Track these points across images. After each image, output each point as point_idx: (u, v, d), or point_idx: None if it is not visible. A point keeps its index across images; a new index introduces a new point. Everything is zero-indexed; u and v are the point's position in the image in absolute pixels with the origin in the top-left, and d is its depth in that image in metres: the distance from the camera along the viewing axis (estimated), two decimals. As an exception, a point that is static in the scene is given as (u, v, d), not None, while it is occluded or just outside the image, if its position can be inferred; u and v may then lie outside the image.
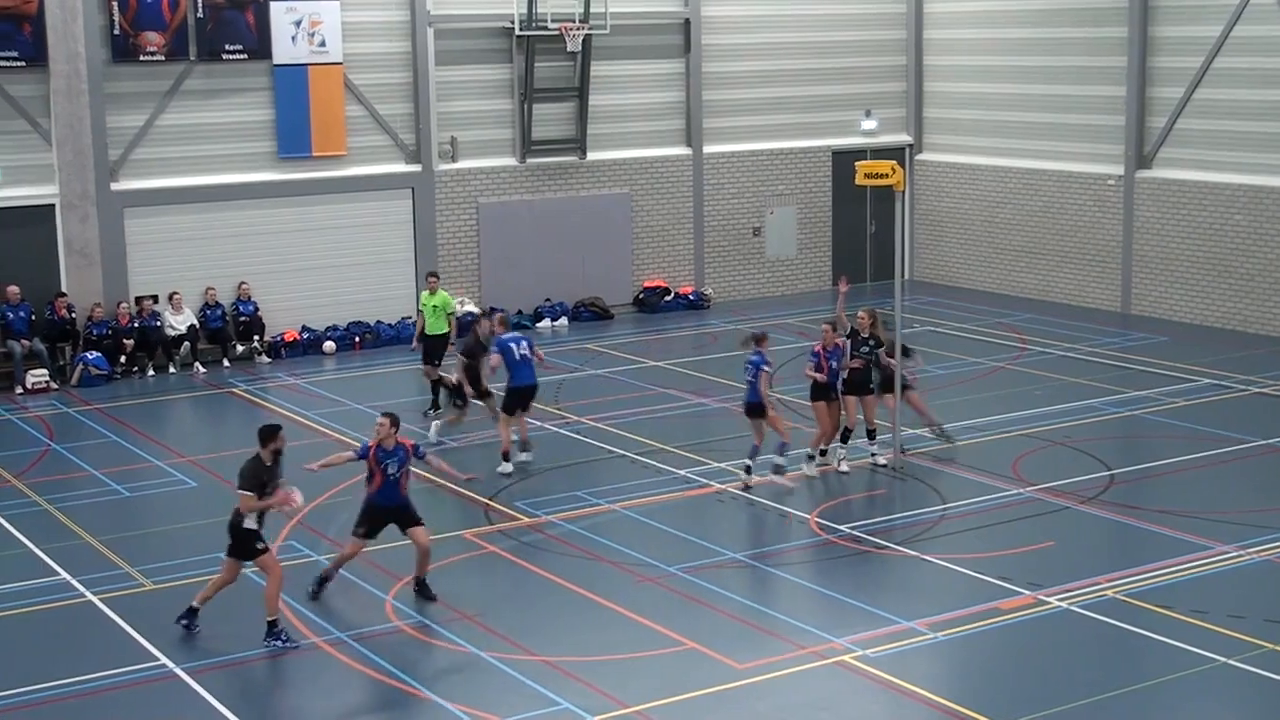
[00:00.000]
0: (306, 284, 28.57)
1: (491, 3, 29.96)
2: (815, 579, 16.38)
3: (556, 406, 23.79)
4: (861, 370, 19.81)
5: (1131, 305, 30.45)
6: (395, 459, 15.56)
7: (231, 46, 27.73)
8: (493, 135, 30.39)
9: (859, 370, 19.80)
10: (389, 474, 15.54)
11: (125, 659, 14.41)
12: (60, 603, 15.96)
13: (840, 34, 33.68)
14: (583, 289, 31.18)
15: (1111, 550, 17.20)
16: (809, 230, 33.89)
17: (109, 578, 16.60)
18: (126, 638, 14.93)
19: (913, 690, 13.50)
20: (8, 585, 16.44)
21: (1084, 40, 31.10)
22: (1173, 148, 29.76)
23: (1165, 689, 13.55)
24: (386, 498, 15.64)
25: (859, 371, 19.81)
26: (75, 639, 15.06)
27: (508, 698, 13.46)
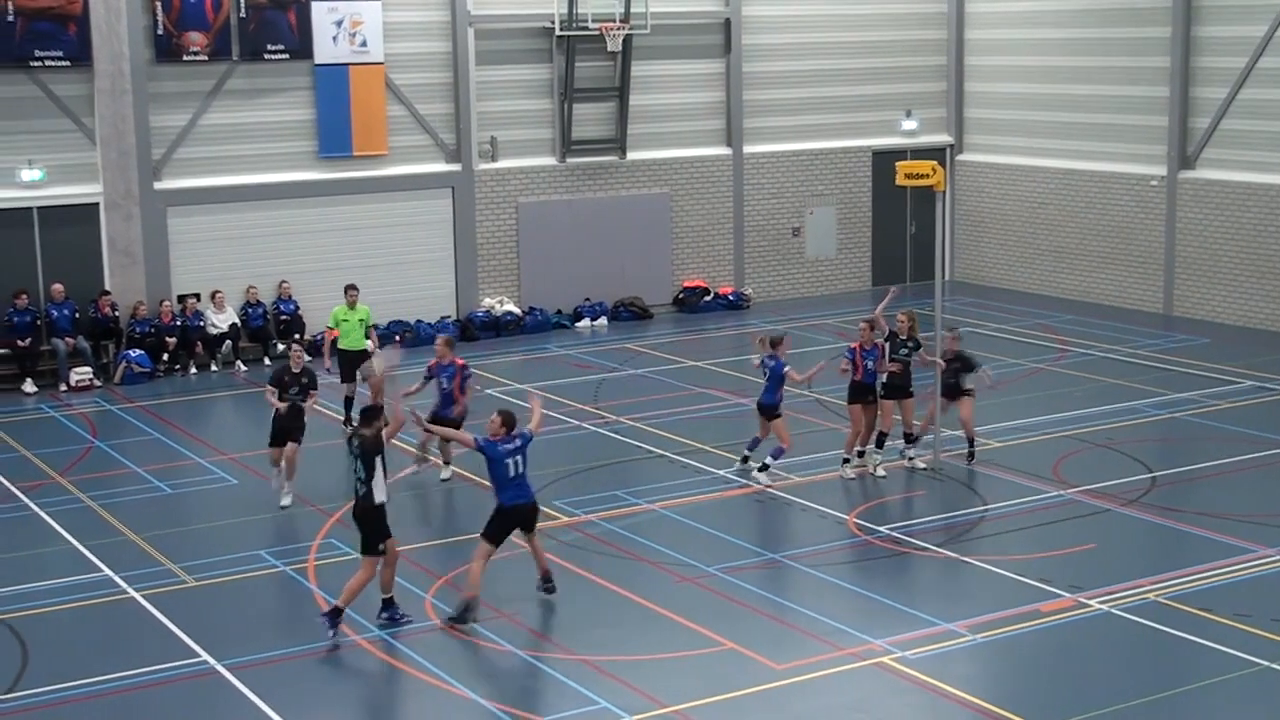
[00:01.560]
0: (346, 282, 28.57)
1: (532, 3, 30.01)
2: (854, 580, 16.35)
3: (595, 406, 23.81)
4: (900, 374, 19.74)
5: (1174, 307, 30.27)
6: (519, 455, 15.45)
7: (273, 46, 27.87)
8: (532, 135, 30.45)
9: (897, 374, 19.73)
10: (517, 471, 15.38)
11: (167, 655, 14.50)
12: (103, 599, 16.08)
13: (881, 34, 33.60)
14: (622, 289, 31.20)
15: (1153, 553, 17.11)
16: (849, 230, 33.82)
17: (151, 574, 16.70)
18: (169, 634, 15.02)
19: (951, 692, 13.46)
20: (52, 581, 16.57)
21: (1126, 40, 30.94)
22: (1216, 148, 29.58)
23: (1207, 693, 13.47)
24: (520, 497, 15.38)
25: (897, 375, 19.74)
26: (118, 635, 15.17)
27: (546, 696, 13.49)
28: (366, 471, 14.85)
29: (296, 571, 16.75)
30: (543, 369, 26.75)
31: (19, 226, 26.36)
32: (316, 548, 17.50)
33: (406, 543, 17.55)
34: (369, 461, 14.85)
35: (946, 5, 34.18)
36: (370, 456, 14.85)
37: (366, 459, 14.85)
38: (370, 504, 14.87)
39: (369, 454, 14.86)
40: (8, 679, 14.02)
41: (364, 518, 14.93)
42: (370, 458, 14.86)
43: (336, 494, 19.41)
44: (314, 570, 16.79)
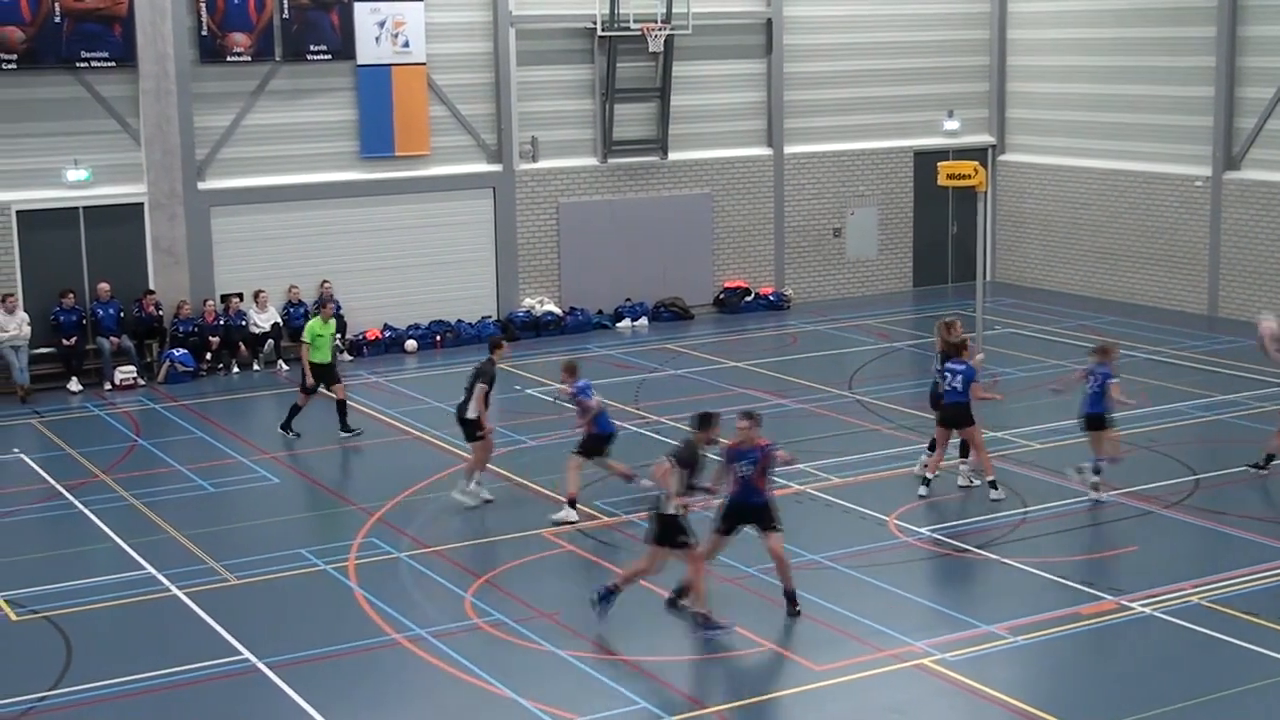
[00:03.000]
0: (388, 283, 28.78)
1: (573, 3, 30.04)
2: (894, 581, 16.29)
3: (636, 406, 23.82)
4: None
5: (1218, 308, 30.07)
6: (747, 460, 15.05)
7: (316, 47, 27.99)
8: (574, 135, 30.49)
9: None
10: (740, 475, 15.08)
11: (209, 653, 14.59)
12: (146, 597, 16.18)
13: (923, 34, 33.50)
14: (663, 289, 31.20)
15: (1196, 555, 17.00)
16: (890, 231, 33.73)
17: (194, 572, 16.80)
18: (211, 632, 15.11)
19: (992, 694, 13.41)
20: (95, 579, 16.69)
21: (1170, 40, 30.75)
22: (1262, 148, 29.36)
23: (1251, 697, 13.38)
24: (743, 497, 15.18)
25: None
26: (160, 633, 15.27)
27: (585, 696, 13.50)
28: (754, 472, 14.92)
29: (337, 570, 16.82)
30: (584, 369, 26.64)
31: (65, 226, 26.56)
32: (357, 547, 17.57)
33: (448, 541, 17.66)
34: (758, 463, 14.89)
35: (989, 5, 34.05)
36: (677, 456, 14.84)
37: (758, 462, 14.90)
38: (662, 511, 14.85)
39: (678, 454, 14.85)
40: (52, 676, 14.13)
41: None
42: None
43: (377, 493, 19.50)
44: (354, 569, 16.85)
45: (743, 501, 15.07)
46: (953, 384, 18.83)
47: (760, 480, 15.01)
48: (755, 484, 15.00)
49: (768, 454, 14.99)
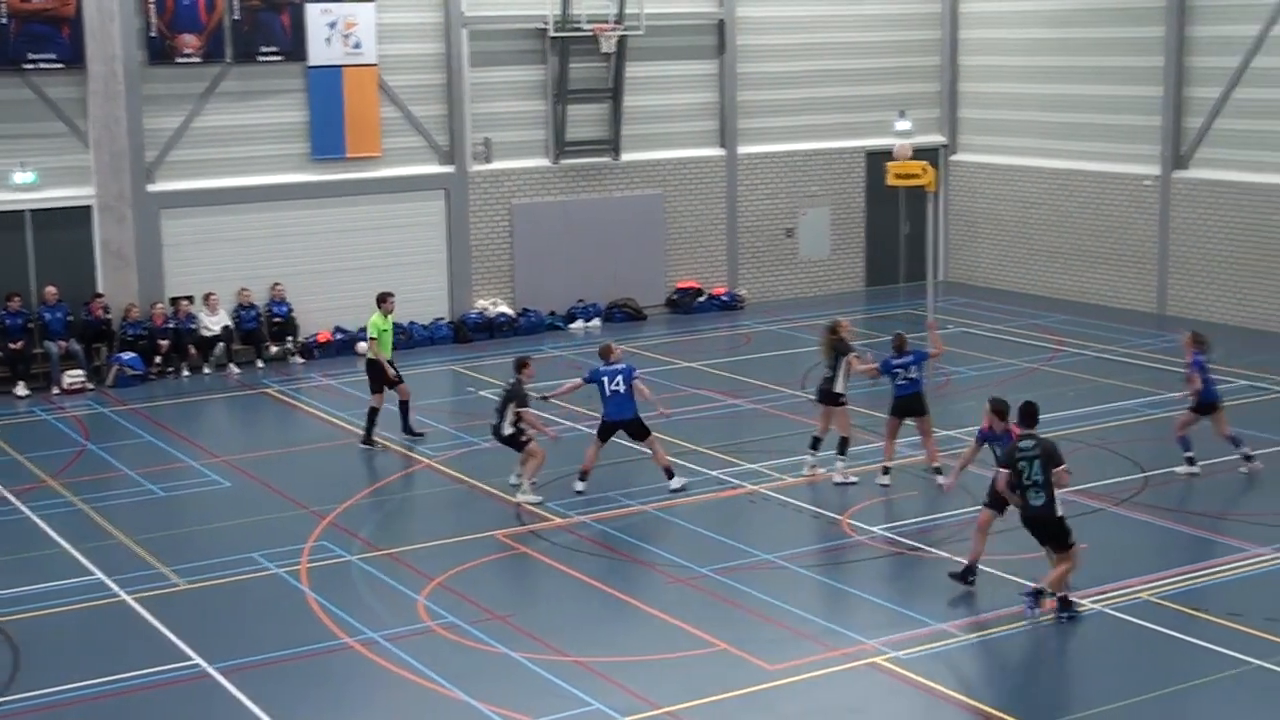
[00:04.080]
0: (340, 285, 28.64)
1: (526, 4, 29.99)
2: (847, 580, 16.34)
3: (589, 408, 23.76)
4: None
5: (1167, 306, 30.28)
6: (1001, 444, 15.81)
7: (267, 48, 27.85)
8: (526, 136, 30.43)
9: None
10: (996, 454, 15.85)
11: (159, 659, 14.47)
12: (95, 602, 16.05)
13: (874, 34, 33.61)
14: (616, 290, 31.19)
15: (1145, 552, 17.10)
16: (842, 231, 33.82)
17: (144, 577, 16.68)
18: (161, 637, 14.99)
19: (944, 692, 13.46)
20: (44, 585, 16.53)
21: (1119, 40, 30.95)
22: (1210, 148, 29.60)
23: (1199, 692, 13.48)
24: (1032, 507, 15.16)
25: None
26: (110, 639, 15.14)
27: (539, 698, 13.47)
28: (1044, 475, 14.76)
29: (289, 574, 16.73)
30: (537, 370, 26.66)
31: (11, 229, 26.32)
32: (309, 550, 17.48)
33: (400, 544, 17.60)
34: (1046, 466, 14.76)
35: (940, 5, 34.19)
36: (1047, 460, 14.76)
37: (1044, 464, 14.76)
38: (1051, 514, 14.78)
39: (1046, 459, 14.77)
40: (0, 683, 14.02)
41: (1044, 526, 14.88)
42: (1047, 462, 14.76)
43: (329, 496, 19.42)
44: (306, 573, 16.76)
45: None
46: (906, 376, 19.28)
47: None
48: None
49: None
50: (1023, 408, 15.22)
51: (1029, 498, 14.83)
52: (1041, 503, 14.77)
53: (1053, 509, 14.76)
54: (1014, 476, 14.85)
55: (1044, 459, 14.73)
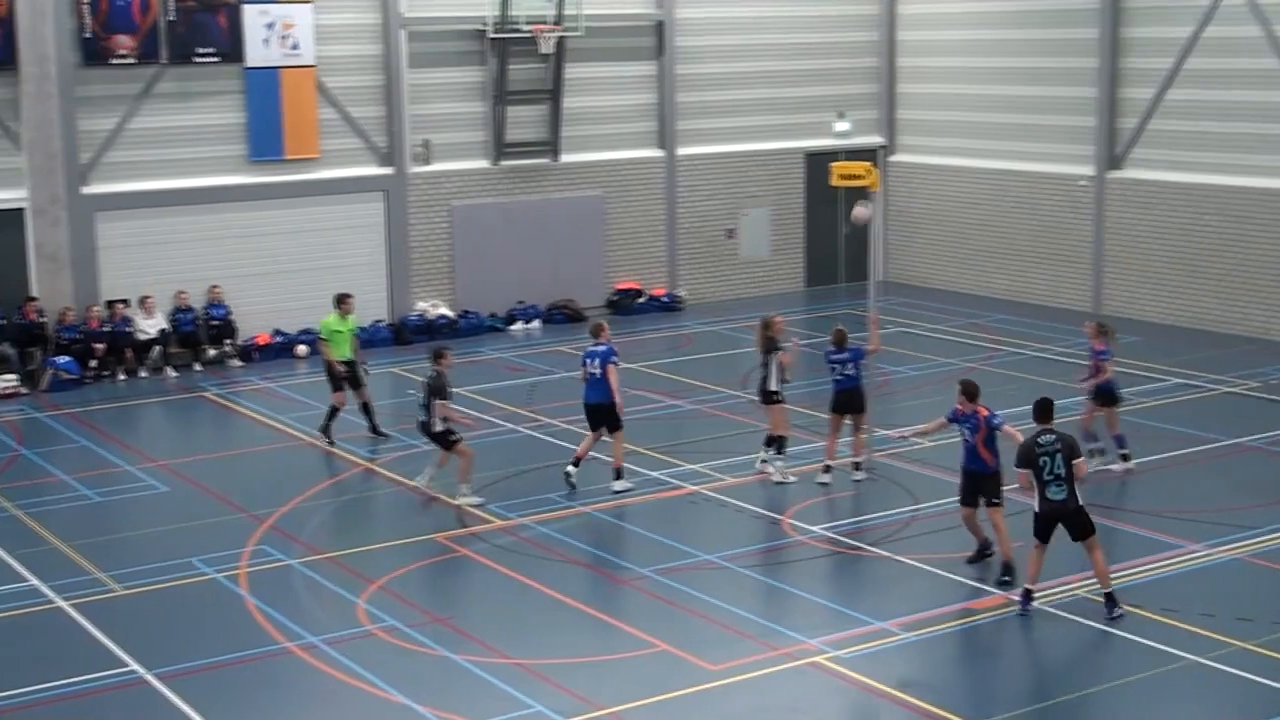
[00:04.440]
0: (279, 287, 28.47)
1: (465, 5, 29.91)
2: (788, 580, 16.39)
3: (529, 409, 23.77)
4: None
5: (1103, 305, 30.55)
6: (968, 426, 16.12)
7: (203, 49, 27.65)
8: (466, 138, 30.35)
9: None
10: (965, 438, 16.14)
11: (96, 665, 14.34)
12: (30, 609, 15.86)
13: (813, 36, 33.73)
14: (556, 291, 31.16)
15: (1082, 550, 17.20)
16: (782, 232, 33.93)
17: (80, 583, 16.51)
18: (97, 644, 14.85)
19: (885, 691, 13.51)
20: (-23, 591, 16.37)
21: (1055, 41, 31.20)
22: (1144, 148, 29.88)
23: (1136, 687, 13.60)
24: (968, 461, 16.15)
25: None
26: (45, 646, 14.96)
27: (480, 701, 13.44)
28: (1066, 469, 14.81)
29: (228, 579, 16.61)
30: (476, 372, 26.69)
31: (-56, 232, 26.06)
32: (248, 554, 17.36)
33: (340, 547, 17.50)
34: (1068, 459, 14.82)
35: (878, 7, 34.36)
36: (1068, 454, 14.81)
37: (1065, 457, 14.83)
38: (1073, 506, 14.88)
39: (1068, 452, 14.84)
40: (-67, 691, 13.84)
41: (1068, 519, 14.94)
42: (1068, 455, 14.82)
43: (268, 500, 19.29)
44: (245, 577, 16.65)
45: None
46: (844, 371, 19.43)
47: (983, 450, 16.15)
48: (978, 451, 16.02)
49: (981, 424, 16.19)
50: (1038, 403, 15.31)
51: (1049, 492, 14.87)
52: (1064, 496, 14.83)
53: (1075, 501, 14.84)
54: (1033, 472, 14.91)
55: (1065, 452, 14.82)
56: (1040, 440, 14.95)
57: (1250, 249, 28.05)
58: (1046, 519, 15.01)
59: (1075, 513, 14.92)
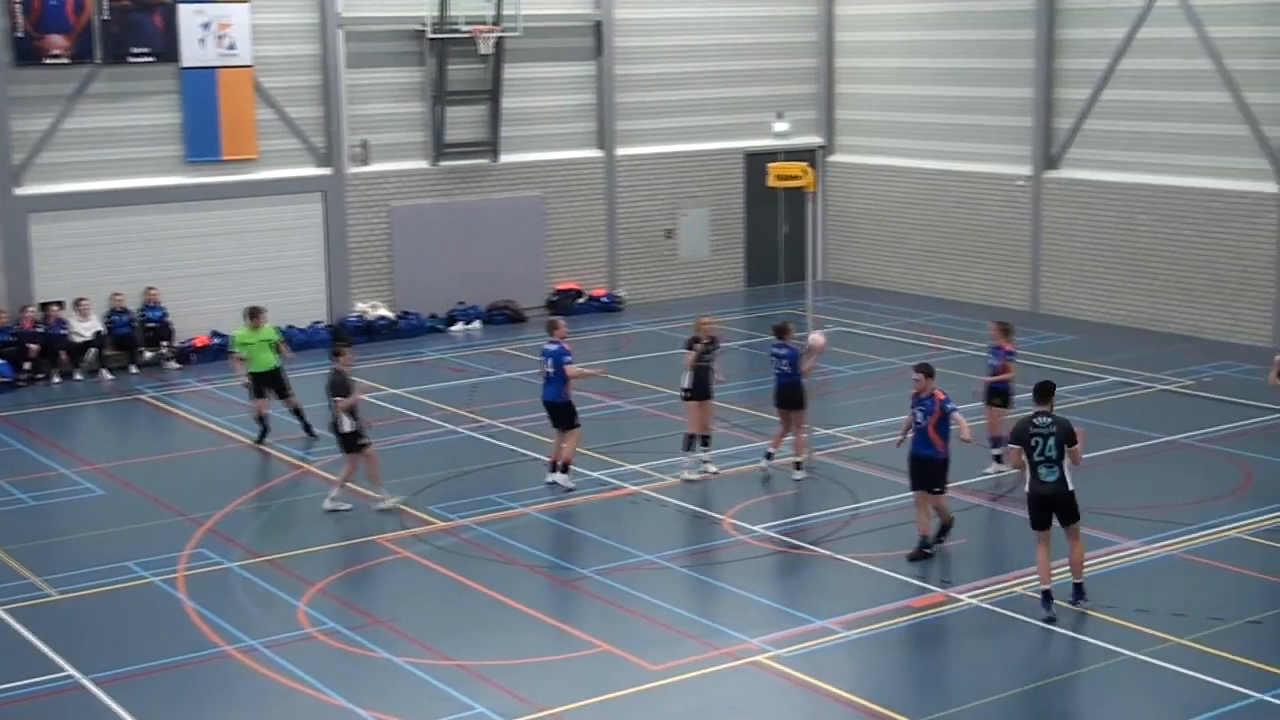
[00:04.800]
0: (216, 289, 28.25)
1: (403, 5, 29.80)
2: (729, 579, 16.41)
3: (470, 410, 23.71)
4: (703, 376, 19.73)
5: (1040, 304, 30.79)
6: (923, 408, 16.47)
7: (138, 49, 27.40)
8: (405, 138, 30.24)
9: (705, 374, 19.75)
10: (917, 421, 16.50)
11: (31, 670, 14.18)
12: (-36, 614, 15.71)
13: (752, 37, 33.81)
14: (496, 292, 31.09)
15: (1021, 547, 17.30)
16: (722, 232, 33.99)
17: (14, 588, 16.32)
18: (32, 649, 14.68)
19: (827, 689, 13.56)
20: (-90, 597, 16.15)
21: (992, 42, 31.42)
22: (1080, 148, 30.14)
23: (1075, 683, 13.71)
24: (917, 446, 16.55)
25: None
26: (-21, 651, 14.82)
27: (421, 702, 13.39)
28: (1058, 453, 14.82)
29: (165, 582, 16.47)
30: (417, 373, 26.60)
31: (-126, 234, 25.71)
32: (186, 558, 17.22)
33: (280, 550, 17.39)
34: (1061, 443, 14.83)
35: (816, 8, 34.48)
36: (1063, 438, 14.81)
37: (1059, 441, 14.80)
38: (1064, 490, 14.88)
39: (1062, 436, 14.82)
40: None
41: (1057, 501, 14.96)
42: (1062, 439, 14.81)
43: (207, 503, 19.15)
44: (183, 581, 16.52)
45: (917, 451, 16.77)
46: (781, 367, 19.58)
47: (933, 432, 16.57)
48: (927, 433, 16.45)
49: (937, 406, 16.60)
50: (1039, 385, 15.42)
51: (1039, 473, 14.92)
52: (1054, 479, 14.88)
53: (1065, 485, 14.90)
54: (1025, 450, 14.98)
55: (1059, 436, 14.87)
56: (1036, 421, 15.05)
57: (1184, 248, 28.35)
58: (1038, 502, 15.06)
59: (1062, 496, 14.97)
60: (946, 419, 16.49)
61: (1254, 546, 16.83)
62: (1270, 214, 27.01)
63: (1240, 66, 27.37)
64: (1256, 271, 27.31)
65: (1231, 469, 19.93)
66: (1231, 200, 27.64)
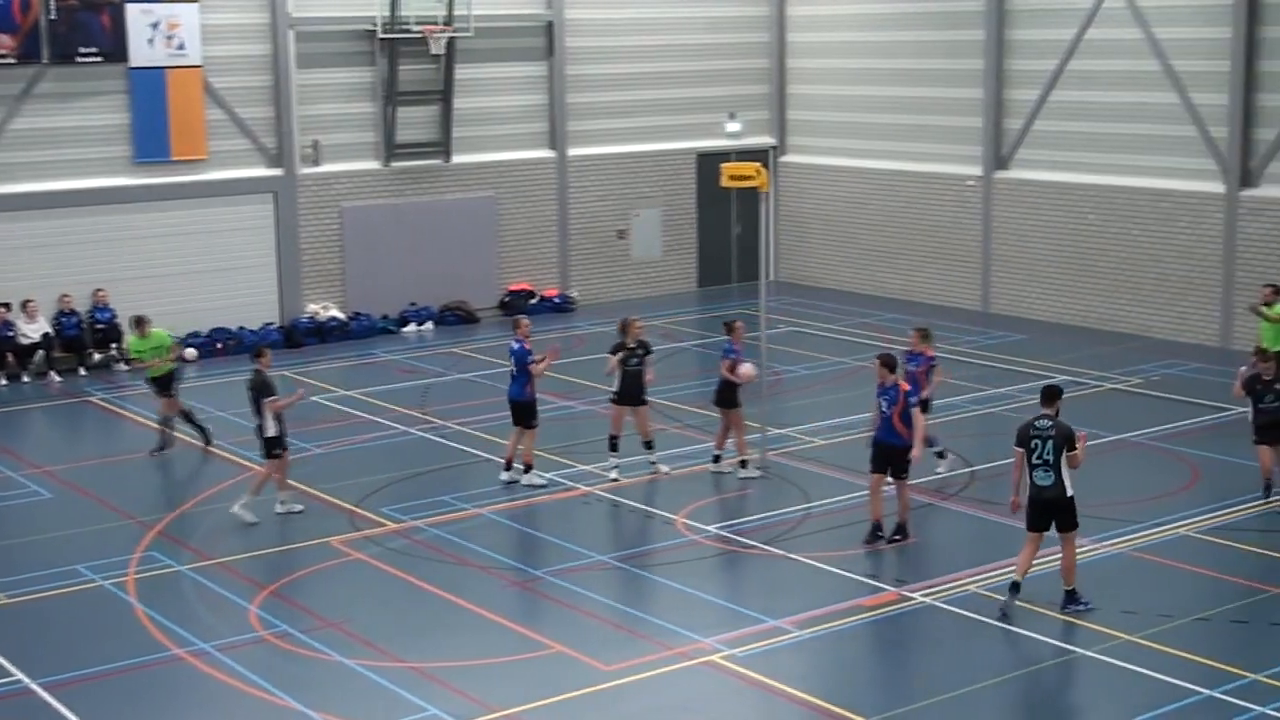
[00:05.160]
0: (167, 290, 28.07)
1: (354, 5, 29.69)
2: (682, 579, 16.42)
3: (423, 411, 23.65)
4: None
5: (991, 304, 30.96)
6: (886, 397, 16.91)
7: (86, 49, 27.19)
8: (356, 138, 30.13)
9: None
10: (883, 410, 16.92)
11: (-21, 675, 14.09)
12: (-89, 619, 15.56)
13: (704, 37, 33.86)
14: (448, 293, 31.01)
15: (973, 545, 17.46)
16: (674, 232, 34.02)
17: (-38, 593, 16.21)
18: (-20, 654, 14.58)
19: (780, 689, 13.59)
20: None
21: (943, 43, 31.57)
22: (1029, 149, 30.32)
23: (1026, 680, 13.79)
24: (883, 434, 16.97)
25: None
26: (-74, 656, 14.67)
27: (374, 705, 13.35)
28: (1056, 456, 14.81)
29: (115, 586, 16.36)
30: (369, 375, 26.51)
31: None
32: (136, 561, 17.11)
33: (231, 553, 17.30)
34: (1059, 447, 14.85)
35: (768, 9, 34.56)
36: (1061, 442, 14.83)
37: (1057, 445, 14.85)
38: (1061, 494, 14.90)
39: (1061, 440, 14.87)
40: None
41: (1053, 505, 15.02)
42: (1061, 444, 14.84)
43: (157, 506, 19.03)
44: (133, 584, 16.41)
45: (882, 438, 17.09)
46: None
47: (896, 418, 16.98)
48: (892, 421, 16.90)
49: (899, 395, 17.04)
50: (1045, 389, 15.61)
51: (1035, 476, 14.97)
52: (1050, 482, 14.89)
53: (1063, 490, 14.91)
54: (1025, 453, 15.09)
55: (1058, 440, 14.89)
56: (1037, 424, 15.12)
57: (1132, 248, 28.56)
58: (1034, 505, 15.12)
59: (1059, 501, 14.99)
60: (909, 410, 16.83)
61: (1202, 544, 16.97)
62: (1217, 214, 27.25)
63: (1187, 67, 27.60)
64: (1204, 271, 27.55)
65: (1180, 467, 20.10)
66: (1179, 200, 27.87)
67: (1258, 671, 13.65)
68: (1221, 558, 16.71)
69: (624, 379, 19.61)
